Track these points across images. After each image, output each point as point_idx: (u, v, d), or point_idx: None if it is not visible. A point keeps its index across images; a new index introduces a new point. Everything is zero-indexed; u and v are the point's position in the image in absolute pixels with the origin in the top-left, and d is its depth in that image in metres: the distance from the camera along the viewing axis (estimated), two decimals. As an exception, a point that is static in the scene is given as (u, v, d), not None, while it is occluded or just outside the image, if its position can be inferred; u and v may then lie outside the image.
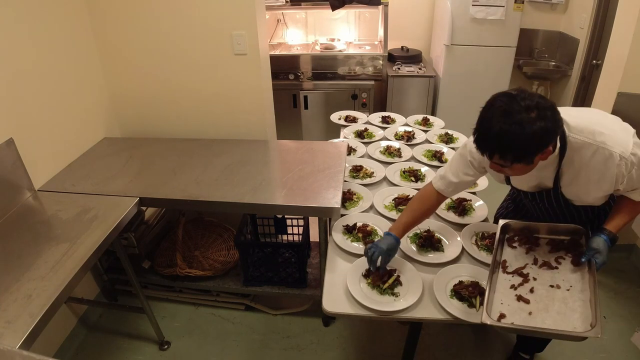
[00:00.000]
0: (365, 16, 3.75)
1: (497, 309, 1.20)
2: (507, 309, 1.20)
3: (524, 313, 1.18)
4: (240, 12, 1.98)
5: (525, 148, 1.06)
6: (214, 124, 2.30)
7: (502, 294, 1.25)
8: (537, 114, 1.03)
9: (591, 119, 1.23)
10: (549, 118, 1.04)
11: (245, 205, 1.69)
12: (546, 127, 1.03)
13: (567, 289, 1.23)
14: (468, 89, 3.41)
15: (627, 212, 1.30)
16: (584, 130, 1.19)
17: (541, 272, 1.29)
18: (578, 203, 1.34)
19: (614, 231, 1.27)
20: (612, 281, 2.40)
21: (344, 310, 1.29)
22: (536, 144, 1.05)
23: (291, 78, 3.36)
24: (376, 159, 2.11)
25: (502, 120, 1.04)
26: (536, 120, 1.02)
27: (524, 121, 1.02)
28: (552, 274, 1.29)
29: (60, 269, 1.32)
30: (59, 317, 1.99)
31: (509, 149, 1.06)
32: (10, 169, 1.62)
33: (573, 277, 1.26)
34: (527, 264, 1.33)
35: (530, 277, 1.28)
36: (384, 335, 2.12)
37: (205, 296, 2.29)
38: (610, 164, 1.17)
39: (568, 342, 2.02)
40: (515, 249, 1.37)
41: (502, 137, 1.05)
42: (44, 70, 1.81)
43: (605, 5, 2.96)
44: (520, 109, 1.03)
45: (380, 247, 1.35)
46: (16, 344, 1.07)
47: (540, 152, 1.08)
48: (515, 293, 1.24)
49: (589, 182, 1.23)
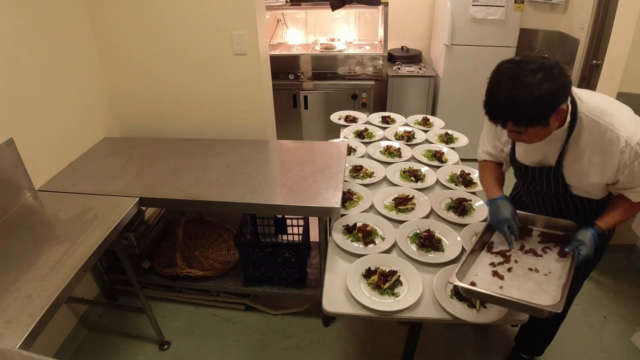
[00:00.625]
0: (365, 16, 3.74)
1: (470, 279, 1.25)
2: (479, 280, 1.25)
3: (495, 287, 1.22)
4: (240, 12, 1.98)
5: (538, 110, 1.05)
6: (214, 124, 2.30)
7: (480, 268, 1.30)
8: (544, 74, 1.03)
9: (605, 101, 1.22)
10: (556, 76, 1.04)
11: (245, 205, 1.69)
12: (555, 86, 1.03)
13: (545, 274, 1.27)
14: (468, 89, 3.41)
15: (621, 212, 1.29)
16: (595, 109, 1.18)
17: (524, 257, 1.33)
18: (576, 189, 1.32)
19: (603, 227, 1.27)
20: (612, 281, 2.40)
21: (344, 310, 1.29)
22: (547, 104, 1.05)
23: (291, 78, 3.36)
24: (376, 159, 2.11)
25: (510, 86, 1.04)
26: (543, 81, 1.03)
27: (532, 84, 1.02)
28: (534, 260, 1.32)
29: (60, 269, 1.32)
30: (59, 317, 1.99)
31: (521, 114, 1.06)
32: (10, 169, 1.62)
33: (555, 265, 1.29)
34: (513, 248, 1.35)
35: (512, 260, 1.32)
36: (384, 335, 2.12)
37: (205, 296, 2.29)
38: (615, 149, 1.15)
39: (568, 342, 2.02)
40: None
41: (512, 103, 1.05)
42: (44, 70, 1.81)
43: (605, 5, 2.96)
44: (526, 72, 1.04)
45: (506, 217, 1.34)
46: (16, 344, 1.07)
47: (554, 112, 1.07)
48: (492, 269, 1.29)
49: (591, 163, 1.22)
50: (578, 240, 1.27)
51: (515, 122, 1.09)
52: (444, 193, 1.83)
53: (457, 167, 2.03)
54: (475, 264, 1.31)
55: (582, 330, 2.11)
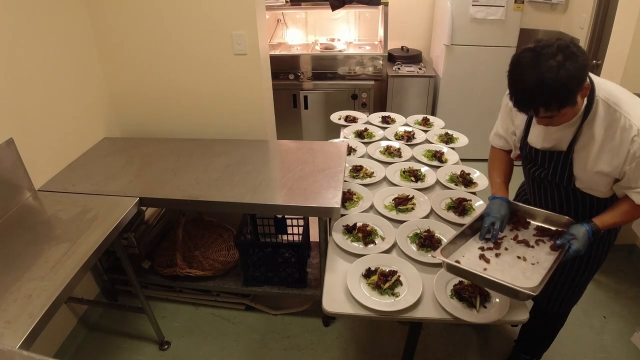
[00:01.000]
0: (365, 16, 3.74)
1: (456, 258, 1.29)
2: (465, 261, 1.28)
3: (479, 269, 1.25)
4: (240, 12, 1.98)
5: (567, 91, 1.06)
6: (214, 124, 2.30)
7: (469, 250, 1.34)
8: (563, 55, 1.04)
9: (619, 88, 1.22)
10: (575, 54, 1.05)
11: (245, 205, 1.69)
12: (577, 65, 1.04)
13: (533, 263, 1.28)
14: (468, 89, 3.41)
15: (621, 213, 1.28)
16: (612, 95, 1.18)
17: (516, 246, 1.35)
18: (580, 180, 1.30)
19: (599, 225, 1.26)
20: (612, 281, 2.40)
21: (344, 310, 1.29)
22: (574, 83, 1.06)
23: (291, 78, 3.36)
24: (376, 159, 2.11)
25: (535, 73, 1.05)
26: (565, 61, 1.03)
27: (555, 67, 1.03)
28: (525, 249, 1.34)
29: (60, 269, 1.32)
30: (59, 317, 1.99)
31: (552, 99, 1.07)
32: (10, 169, 1.62)
33: (545, 257, 1.30)
34: (505, 237, 1.37)
35: (503, 247, 1.34)
36: (384, 335, 2.12)
37: (205, 296, 2.29)
38: (626, 137, 1.15)
39: (568, 342, 2.02)
40: None
41: (541, 89, 1.05)
42: (44, 70, 1.81)
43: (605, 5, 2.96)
44: (546, 57, 1.04)
45: (496, 215, 1.36)
46: (16, 344, 1.07)
47: (581, 89, 1.08)
48: (480, 252, 1.32)
49: (601, 149, 1.20)
50: (571, 234, 1.27)
51: (547, 107, 1.09)
52: (444, 193, 1.83)
53: (457, 167, 2.03)
54: (465, 246, 1.34)
55: (582, 330, 2.11)
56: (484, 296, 1.30)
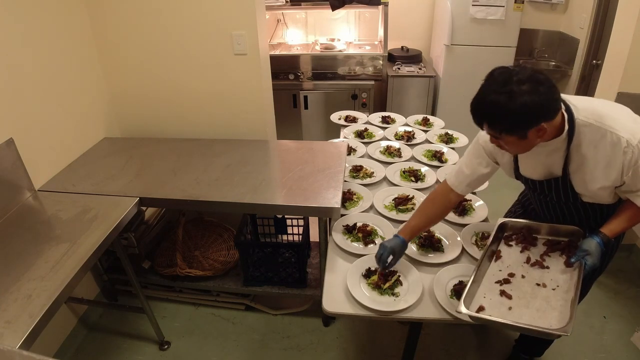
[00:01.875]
0: (365, 16, 3.75)
1: (478, 302, 1.23)
2: (487, 302, 1.23)
3: (504, 307, 1.21)
4: (240, 12, 1.98)
5: (512, 119, 1.07)
6: (214, 124, 2.30)
7: (487, 287, 1.27)
8: (530, 87, 1.04)
9: (601, 104, 1.22)
10: (541, 93, 1.04)
11: (245, 205, 1.69)
12: (535, 101, 1.04)
13: (553, 288, 1.24)
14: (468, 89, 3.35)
15: (627, 218, 1.27)
16: (593, 113, 1.17)
17: (531, 270, 1.31)
18: (587, 196, 1.29)
19: (609, 235, 1.25)
20: (612, 281, 2.40)
21: (344, 310, 1.29)
22: (524, 116, 1.06)
23: (291, 78, 3.36)
24: (376, 159, 2.11)
25: (495, 89, 1.07)
26: (526, 93, 1.03)
27: (513, 92, 1.04)
28: (541, 273, 1.30)
29: (60, 269, 1.32)
30: (59, 317, 1.99)
31: (497, 120, 1.10)
32: (10, 169, 1.62)
33: (562, 277, 1.27)
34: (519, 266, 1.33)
35: (519, 275, 1.30)
36: (384, 335, 2.12)
37: (205, 296, 2.29)
38: (618, 151, 1.15)
39: (568, 342, 2.02)
40: (511, 247, 1.39)
41: (491, 106, 1.08)
42: (44, 70, 1.81)
43: (605, 5, 2.96)
44: (513, 81, 1.05)
45: (386, 247, 1.38)
46: (16, 344, 1.07)
47: (532, 127, 1.08)
48: (499, 288, 1.26)
49: (595, 167, 1.20)
50: (583, 250, 1.25)
51: (490, 125, 1.12)
52: (444, 193, 1.82)
53: (457, 167, 2.02)
54: (482, 285, 1.28)
55: (582, 330, 2.11)
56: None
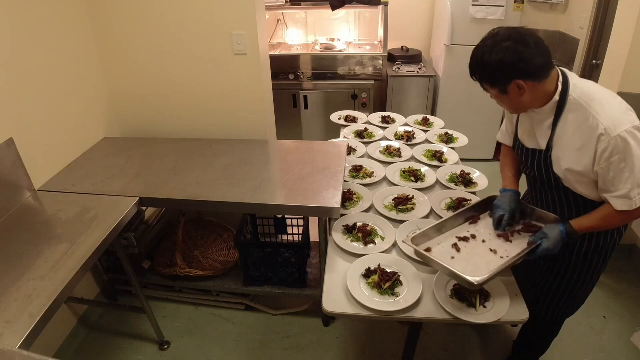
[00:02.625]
0: (365, 16, 3.75)
1: (430, 245, 1.39)
2: (437, 248, 1.37)
3: (448, 256, 1.34)
4: (240, 12, 1.98)
5: (487, 70, 1.20)
6: (214, 124, 2.30)
7: (446, 238, 1.42)
8: (510, 44, 1.14)
9: (599, 89, 1.23)
10: (519, 52, 1.13)
11: (245, 205, 1.69)
12: (510, 58, 1.14)
13: (502, 256, 1.33)
14: (468, 89, 3.38)
15: (599, 217, 1.27)
16: (586, 95, 1.20)
17: (494, 239, 1.41)
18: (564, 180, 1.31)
19: (575, 227, 1.27)
20: (612, 281, 2.40)
21: (344, 310, 1.29)
22: (497, 71, 1.17)
23: (291, 78, 3.36)
24: (376, 159, 2.11)
25: (482, 44, 1.20)
26: (504, 49, 1.14)
27: (493, 48, 1.16)
28: (501, 244, 1.39)
29: (60, 269, 1.32)
30: (59, 317, 1.99)
31: (475, 68, 1.23)
32: (10, 169, 1.62)
33: (515, 251, 1.33)
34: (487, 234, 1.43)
35: (480, 239, 1.41)
36: (384, 335, 2.12)
37: (205, 296, 2.29)
38: (593, 136, 1.16)
39: (568, 342, 2.03)
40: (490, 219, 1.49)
41: (473, 57, 1.23)
42: (44, 70, 1.81)
43: (605, 5, 2.96)
44: (499, 38, 1.16)
45: (505, 208, 1.41)
46: (16, 344, 1.07)
47: (507, 83, 1.18)
48: (455, 242, 1.40)
49: (572, 147, 1.23)
50: (543, 232, 1.30)
51: (472, 74, 1.25)
52: (444, 193, 1.83)
53: (457, 167, 2.03)
54: (444, 235, 1.42)
55: (582, 330, 2.11)
56: (484, 296, 1.30)
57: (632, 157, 1.13)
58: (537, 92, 1.20)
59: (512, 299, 1.28)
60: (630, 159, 1.13)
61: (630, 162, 1.13)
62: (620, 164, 1.14)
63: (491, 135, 3.58)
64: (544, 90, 1.21)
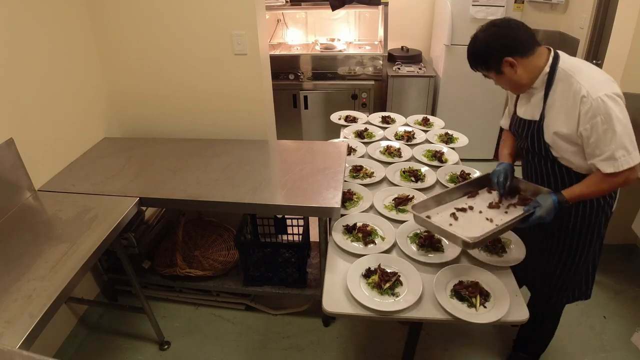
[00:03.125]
0: (365, 16, 3.75)
1: (429, 213, 1.47)
2: (436, 216, 1.46)
3: (446, 224, 1.42)
4: (240, 12, 1.98)
5: (477, 56, 1.38)
6: (214, 124, 2.30)
7: (445, 208, 1.50)
8: (491, 31, 1.34)
9: (585, 63, 1.37)
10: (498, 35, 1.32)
11: (245, 205, 1.69)
12: (490, 42, 1.33)
13: (497, 224, 1.40)
14: (468, 89, 3.41)
15: (588, 184, 1.35)
16: (572, 66, 1.33)
17: (490, 211, 1.48)
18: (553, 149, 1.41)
19: (566, 196, 1.35)
20: (612, 281, 2.40)
21: (344, 310, 1.29)
22: (484, 54, 1.36)
23: (291, 78, 3.36)
24: (376, 159, 2.11)
25: (473, 37, 1.38)
26: (489, 35, 1.34)
27: (480, 35, 1.36)
28: (497, 213, 1.47)
29: (60, 269, 1.32)
30: (59, 317, 1.99)
31: (471, 58, 1.40)
32: (10, 169, 1.62)
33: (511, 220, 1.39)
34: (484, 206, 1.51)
35: (477, 210, 1.49)
36: (384, 335, 2.12)
37: (205, 296, 2.29)
38: (577, 99, 1.27)
39: (568, 342, 2.03)
40: (490, 194, 1.57)
41: (467, 49, 1.40)
42: (44, 70, 1.81)
43: (605, 5, 2.96)
44: (485, 27, 1.36)
45: (500, 171, 1.53)
46: (16, 344, 1.07)
47: (498, 62, 1.33)
48: (453, 211, 1.48)
49: (559, 111, 1.34)
50: (537, 201, 1.38)
51: (469, 63, 1.41)
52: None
53: (457, 167, 2.03)
54: (443, 206, 1.51)
55: (582, 330, 2.11)
56: (484, 296, 1.30)
57: (613, 119, 1.22)
58: (528, 66, 1.34)
59: (512, 299, 1.28)
60: (612, 120, 1.22)
61: (611, 123, 1.22)
62: (603, 126, 1.23)
63: (491, 135, 3.58)
64: (534, 64, 1.35)
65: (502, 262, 1.43)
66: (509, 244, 1.52)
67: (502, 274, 1.39)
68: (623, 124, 1.23)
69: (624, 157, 1.24)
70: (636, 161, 1.26)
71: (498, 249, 1.49)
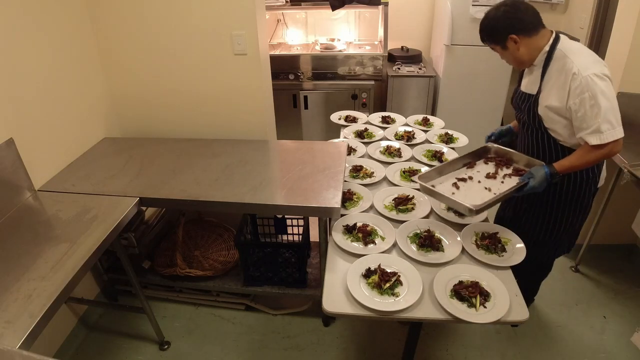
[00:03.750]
0: (365, 16, 3.74)
1: (433, 183, 1.63)
2: (439, 186, 1.63)
3: (448, 192, 1.58)
4: (240, 12, 1.98)
5: (485, 30, 1.56)
6: (214, 124, 2.30)
7: (446, 178, 1.68)
8: (504, 9, 1.48)
9: (579, 47, 1.51)
10: (506, 12, 1.48)
11: (245, 205, 1.69)
12: (498, 18, 1.50)
13: (495, 193, 1.57)
14: (468, 89, 3.41)
15: (577, 156, 1.49)
16: (568, 48, 1.48)
17: (487, 180, 1.65)
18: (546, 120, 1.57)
19: (557, 168, 1.50)
20: (612, 281, 2.40)
21: (344, 310, 1.29)
22: (491, 29, 1.53)
23: (291, 78, 3.36)
24: (376, 159, 2.11)
25: (486, 13, 1.54)
26: (499, 13, 1.50)
27: (491, 12, 1.52)
28: (494, 183, 1.63)
29: (60, 269, 1.32)
30: (59, 317, 1.99)
31: (482, 31, 1.57)
32: (10, 169, 1.62)
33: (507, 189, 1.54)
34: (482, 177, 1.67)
35: (476, 180, 1.66)
36: (384, 335, 2.12)
37: (205, 296, 2.29)
38: (568, 75, 1.43)
39: (568, 342, 2.03)
40: (487, 165, 1.74)
41: (480, 23, 1.56)
42: (44, 70, 1.81)
43: (605, 5, 2.96)
44: (497, 6, 1.51)
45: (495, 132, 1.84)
46: (16, 344, 1.07)
47: (504, 38, 1.51)
48: (454, 181, 1.65)
49: (553, 86, 1.50)
50: (530, 173, 1.53)
51: (482, 39, 1.59)
52: (444, 193, 1.83)
53: (457, 167, 2.02)
54: (447, 175, 1.69)
55: (582, 330, 2.11)
56: (484, 296, 1.30)
57: (599, 96, 1.36)
58: (530, 45, 1.51)
59: (512, 299, 1.28)
60: (598, 96, 1.36)
61: (598, 99, 1.37)
62: (590, 101, 1.38)
63: (491, 135, 3.58)
64: (536, 44, 1.51)
65: (502, 262, 1.43)
66: (509, 243, 1.52)
67: (502, 274, 1.39)
68: (609, 100, 1.37)
69: (608, 131, 1.39)
70: (620, 135, 1.40)
71: (498, 249, 1.49)
